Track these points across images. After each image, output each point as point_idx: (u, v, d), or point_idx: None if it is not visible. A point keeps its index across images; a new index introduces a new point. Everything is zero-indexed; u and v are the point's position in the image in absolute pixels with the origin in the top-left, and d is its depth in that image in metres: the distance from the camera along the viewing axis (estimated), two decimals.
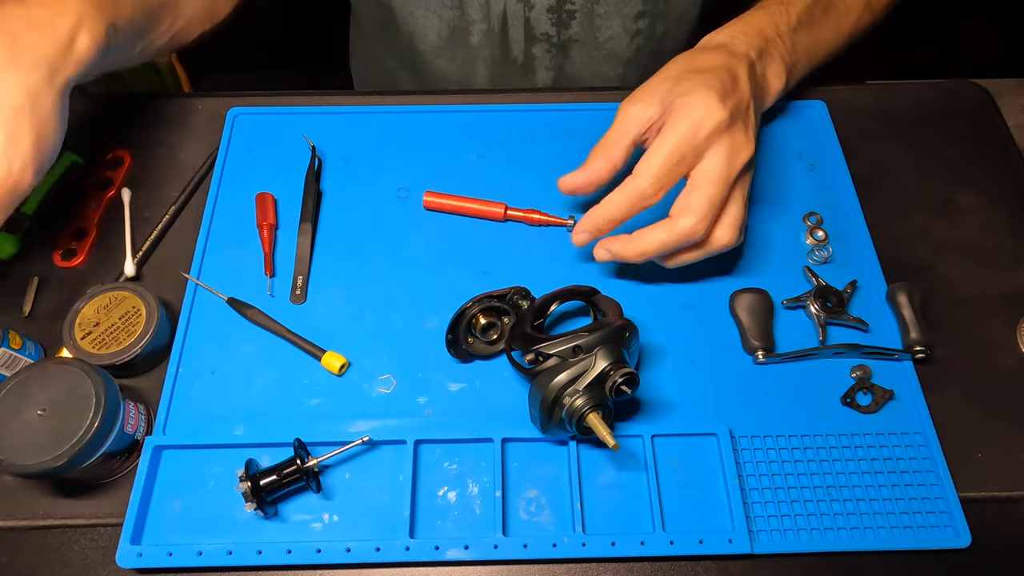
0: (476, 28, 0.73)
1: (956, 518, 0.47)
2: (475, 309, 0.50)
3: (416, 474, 0.49)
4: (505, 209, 0.59)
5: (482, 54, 0.75)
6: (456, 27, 0.73)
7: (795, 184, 0.62)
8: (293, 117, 0.66)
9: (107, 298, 0.52)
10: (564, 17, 0.71)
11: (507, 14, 0.71)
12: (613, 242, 0.51)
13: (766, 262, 0.58)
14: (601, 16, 0.71)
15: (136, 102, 0.67)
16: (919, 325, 0.52)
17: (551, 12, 0.70)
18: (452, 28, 0.72)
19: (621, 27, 0.72)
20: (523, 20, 0.71)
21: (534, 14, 0.70)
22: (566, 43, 0.74)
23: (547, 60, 0.75)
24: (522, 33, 0.72)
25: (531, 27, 0.72)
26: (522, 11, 0.70)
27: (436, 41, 0.74)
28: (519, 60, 0.76)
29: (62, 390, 0.45)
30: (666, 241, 0.48)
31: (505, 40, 0.73)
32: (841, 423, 0.51)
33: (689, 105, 0.48)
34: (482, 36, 0.73)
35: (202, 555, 0.45)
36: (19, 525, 0.48)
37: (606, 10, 0.70)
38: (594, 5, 0.70)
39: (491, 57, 0.76)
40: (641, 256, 0.50)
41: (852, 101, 0.67)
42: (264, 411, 0.51)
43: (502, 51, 0.75)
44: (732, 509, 0.47)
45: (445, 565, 0.46)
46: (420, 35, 0.74)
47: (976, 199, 0.62)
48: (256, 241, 0.58)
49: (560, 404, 0.44)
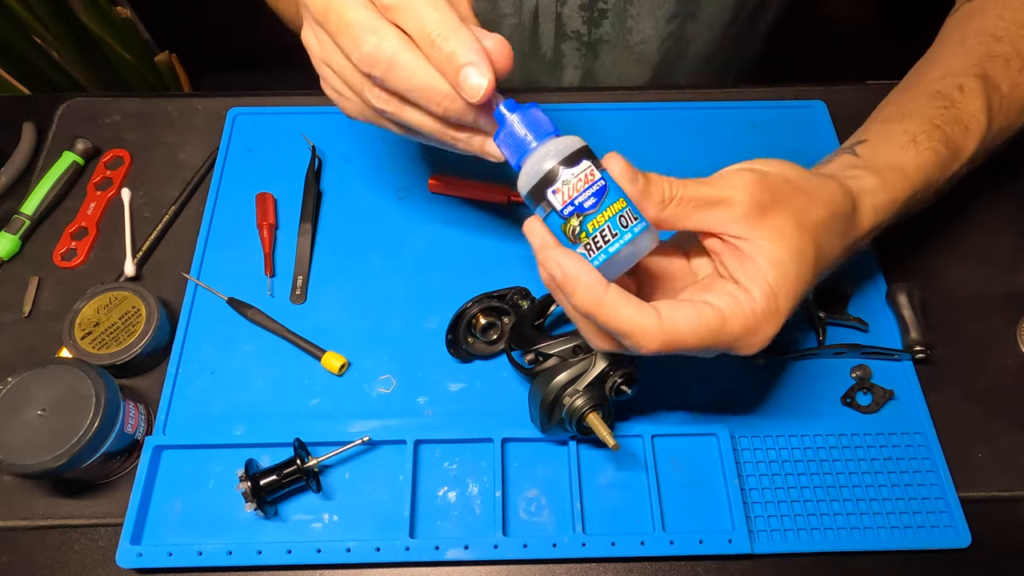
0: (507, 22, 0.72)
1: (956, 518, 0.47)
2: (475, 309, 0.50)
3: (416, 474, 0.49)
4: (508, 194, 0.59)
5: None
6: (486, 20, 0.72)
7: None
8: (293, 117, 0.66)
9: (107, 298, 0.52)
10: (596, 16, 0.70)
11: (539, 9, 0.70)
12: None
13: None
14: (633, 17, 0.70)
15: (136, 102, 0.67)
16: (919, 325, 0.52)
17: (583, 9, 0.69)
18: (483, 22, 0.71)
19: (653, 29, 0.71)
20: (554, 16, 0.70)
21: (566, 10, 0.70)
22: (596, 43, 0.73)
23: (576, 59, 0.75)
24: (553, 29, 0.72)
25: (562, 23, 0.71)
26: (554, 6, 0.69)
27: None
28: (548, 56, 0.75)
29: (62, 390, 0.45)
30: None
31: (535, 35, 0.73)
32: (841, 423, 0.51)
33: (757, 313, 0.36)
34: (512, 30, 0.73)
35: (202, 555, 0.45)
36: (19, 525, 0.48)
37: (639, 11, 0.70)
38: (627, 5, 0.69)
39: (520, 51, 0.74)
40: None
41: (852, 101, 0.67)
42: (264, 411, 0.51)
43: (532, 46, 0.74)
44: (732, 509, 0.47)
45: (445, 565, 0.46)
46: None
47: (976, 199, 0.62)
48: (256, 241, 0.58)
49: (560, 404, 0.44)
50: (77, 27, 1.12)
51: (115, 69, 1.21)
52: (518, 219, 0.60)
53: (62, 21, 1.09)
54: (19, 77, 1.10)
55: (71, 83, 1.18)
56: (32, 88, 1.12)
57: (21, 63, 1.09)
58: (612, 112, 0.65)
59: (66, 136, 0.64)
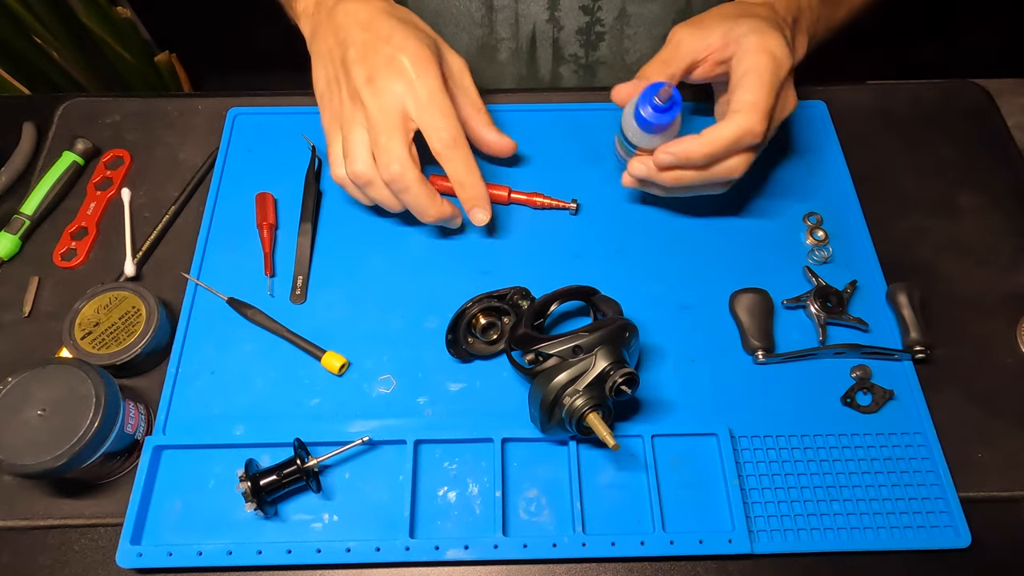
0: (504, 46, 0.73)
1: (956, 518, 0.47)
2: (475, 309, 0.50)
3: (416, 474, 0.49)
4: (509, 192, 0.59)
5: (508, 71, 0.75)
6: (484, 44, 0.73)
7: (795, 184, 0.62)
8: (293, 117, 0.66)
9: (107, 298, 0.52)
10: (593, 39, 0.71)
11: (536, 34, 0.71)
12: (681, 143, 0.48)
13: (766, 262, 0.57)
14: (630, 38, 0.71)
15: (136, 102, 0.67)
16: (919, 325, 0.52)
17: (580, 33, 0.70)
18: (480, 45, 0.72)
19: (650, 48, 0.72)
20: (552, 40, 0.71)
21: (563, 35, 0.71)
22: (593, 64, 0.74)
23: (574, 81, 0.76)
24: (550, 53, 0.73)
25: (559, 48, 0.72)
26: (551, 31, 0.70)
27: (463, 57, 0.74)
28: (546, 79, 0.76)
29: (62, 390, 0.45)
30: (730, 138, 0.48)
31: (533, 59, 0.73)
32: (841, 423, 0.51)
33: (766, 42, 0.48)
34: (510, 54, 0.73)
35: (202, 555, 0.45)
36: (19, 525, 0.48)
37: (635, 31, 0.70)
38: (624, 27, 0.70)
39: (517, 75, 0.76)
40: (708, 156, 0.48)
41: (852, 101, 0.67)
42: (264, 411, 0.51)
43: (529, 70, 0.75)
44: (732, 509, 0.47)
45: (445, 565, 0.46)
46: None
47: (976, 199, 0.62)
48: (256, 241, 0.58)
49: (560, 404, 0.44)
50: (77, 27, 1.12)
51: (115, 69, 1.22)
52: (518, 219, 0.60)
53: (62, 21, 1.09)
54: (19, 77, 1.10)
55: (71, 83, 1.18)
56: (32, 88, 1.12)
57: (21, 63, 1.09)
58: (612, 112, 0.65)
59: (66, 136, 0.64)
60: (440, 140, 0.51)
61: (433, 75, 0.50)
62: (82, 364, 0.46)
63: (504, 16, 0.69)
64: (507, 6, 0.68)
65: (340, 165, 0.53)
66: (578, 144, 0.64)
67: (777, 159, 0.63)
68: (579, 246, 0.58)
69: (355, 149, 0.51)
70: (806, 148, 0.64)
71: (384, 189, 0.52)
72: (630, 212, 0.60)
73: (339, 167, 0.53)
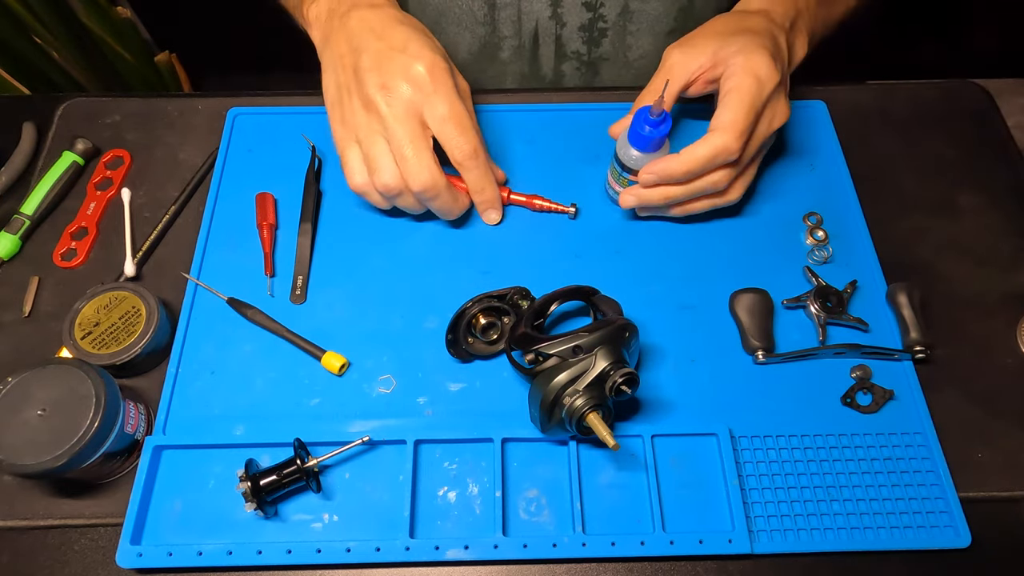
0: (507, 44, 0.73)
1: (956, 518, 0.47)
2: (475, 309, 0.50)
3: (416, 474, 0.49)
4: (508, 193, 0.59)
5: (511, 70, 0.75)
6: (487, 43, 0.73)
7: (795, 184, 0.62)
8: (293, 117, 0.66)
9: (107, 298, 0.52)
10: (596, 35, 0.71)
11: (538, 31, 0.71)
12: (661, 162, 0.51)
13: (766, 262, 0.57)
14: (632, 34, 0.71)
15: (136, 102, 0.67)
16: (919, 325, 0.52)
17: (583, 30, 0.70)
18: (483, 44, 0.73)
19: (652, 44, 0.72)
20: (554, 38, 0.71)
21: (566, 32, 0.71)
22: (596, 61, 0.74)
23: (576, 78, 0.76)
24: (552, 50, 0.73)
25: (562, 45, 0.72)
26: (554, 28, 0.70)
27: (466, 57, 0.75)
28: (548, 77, 0.76)
29: (62, 390, 0.45)
30: (706, 155, 0.50)
31: (535, 57, 0.74)
32: (841, 423, 0.51)
33: (752, 63, 0.50)
34: (512, 52, 0.73)
35: (202, 555, 0.45)
36: (19, 525, 0.48)
37: (638, 27, 0.71)
38: (626, 23, 0.70)
39: (520, 73, 0.76)
40: (687, 174, 0.51)
41: (852, 101, 0.67)
42: (264, 411, 0.51)
43: (532, 68, 0.75)
44: (732, 509, 0.47)
45: (445, 565, 0.46)
46: (450, 50, 0.74)
47: (976, 199, 0.62)
48: (256, 241, 0.58)
49: (560, 404, 0.44)
50: (77, 27, 1.12)
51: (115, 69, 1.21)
52: (518, 219, 0.60)
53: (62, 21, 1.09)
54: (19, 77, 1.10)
55: (71, 83, 1.18)
56: (32, 88, 1.12)
57: (21, 63, 1.09)
58: (612, 112, 0.65)
59: (66, 136, 0.64)
60: (461, 152, 0.52)
61: (450, 86, 0.51)
62: (82, 364, 0.46)
63: (507, 14, 0.69)
64: (510, 4, 0.69)
65: (358, 174, 0.53)
66: (579, 144, 0.64)
67: (777, 159, 0.63)
68: (579, 246, 0.58)
69: (380, 161, 0.51)
70: (806, 148, 0.64)
71: (412, 198, 0.54)
72: (630, 212, 0.60)
73: (357, 176, 0.53)
